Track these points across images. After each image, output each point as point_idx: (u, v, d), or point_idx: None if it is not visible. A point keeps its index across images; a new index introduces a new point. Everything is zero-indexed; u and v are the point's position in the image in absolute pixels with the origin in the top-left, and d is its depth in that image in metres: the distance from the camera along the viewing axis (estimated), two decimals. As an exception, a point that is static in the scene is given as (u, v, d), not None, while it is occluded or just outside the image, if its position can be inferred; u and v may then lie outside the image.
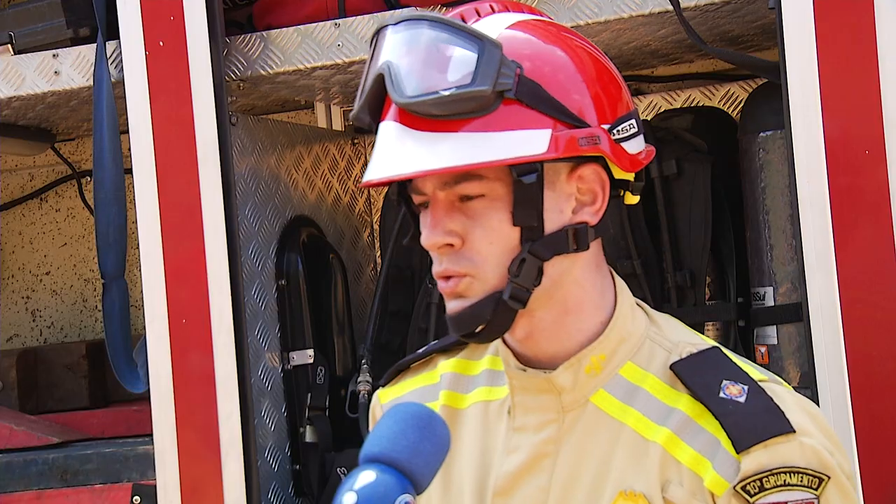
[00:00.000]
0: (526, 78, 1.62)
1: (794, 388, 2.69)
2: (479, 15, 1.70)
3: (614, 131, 1.67)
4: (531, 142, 1.61)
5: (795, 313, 2.66)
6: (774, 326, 2.79)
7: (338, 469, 3.07)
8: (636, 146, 1.71)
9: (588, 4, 2.70)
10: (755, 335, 2.85)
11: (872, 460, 2.42)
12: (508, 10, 1.72)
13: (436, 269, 1.67)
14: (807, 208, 2.47)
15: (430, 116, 1.61)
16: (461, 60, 1.60)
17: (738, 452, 1.59)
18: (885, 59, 2.43)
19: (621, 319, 1.71)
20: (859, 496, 2.39)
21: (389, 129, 1.64)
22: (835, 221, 2.45)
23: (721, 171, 2.94)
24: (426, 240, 1.65)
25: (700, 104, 3.40)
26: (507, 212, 1.63)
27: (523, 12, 1.73)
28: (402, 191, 1.72)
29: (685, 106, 3.41)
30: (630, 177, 1.72)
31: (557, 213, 1.65)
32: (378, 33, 1.68)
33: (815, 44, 2.46)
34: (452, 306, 1.66)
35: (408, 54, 1.63)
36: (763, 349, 2.81)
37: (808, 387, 2.54)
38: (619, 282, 1.75)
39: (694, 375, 1.66)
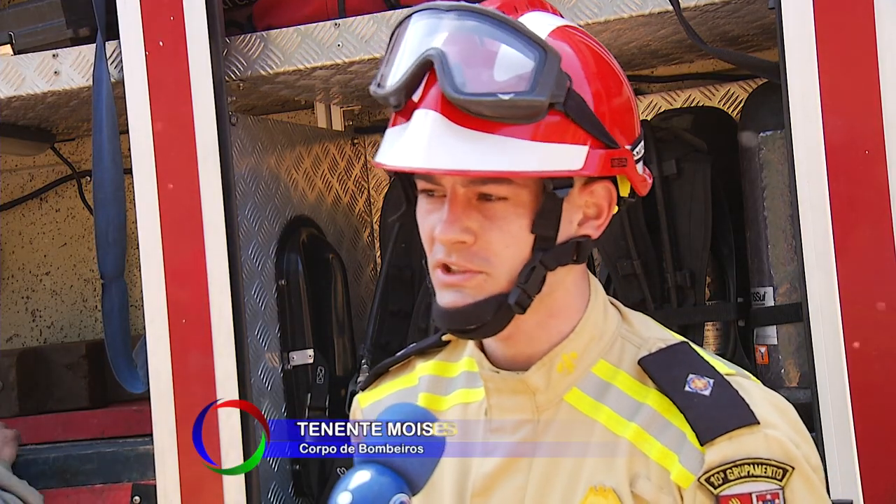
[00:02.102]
0: (574, 92, 1.62)
1: (793, 387, 2.72)
2: (516, 11, 1.68)
3: (634, 152, 1.69)
4: (569, 156, 1.61)
5: (795, 313, 2.66)
6: (774, 326, 2.79)
7: (337, 469, 3.07)
8: (641, 167, 1.73)
9: (588, 4, 2.70)
10: (755, 335, 2.85)
11: (872, 460, 2.42)
12: (537, 9, 1.71)
13: (441, 257, 1.64)
14: (807, 208, 2.47)
15: (477, 115, 1.59)
16: (516, 63, 1.59)
17: (702, 445, 1.60)
18: (885, 59, 2.43)
19: (593, 317, 1.72)
20: (859, 492, 2.40)
21: (427, 119, 1.61)
22: (835, 221, 2.45)
23: (721, 171, 2.94)
24: (442, 234, 1.63)
25: (700, 104, 3.40)
26: (528, 218, 1.62)
27: (549, 12, 1.72)
28: (402, 173, 1.70)
29: (685, 106, 3.41)
30: (626, 194, 1.72)
31: (567, 224, 1.66)
32: (420, 14, 1.65)
33: (815, 44, 2.46)
34: (450, 299, 1.65)
35: (460, 45, 1.60)
36: (763, 349, 2.81)
37: (808, 387, 2.54)
38: (594, 281, 1.76)
39: (661, 370, 1.67)
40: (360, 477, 1.53)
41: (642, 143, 1.71)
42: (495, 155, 1.58)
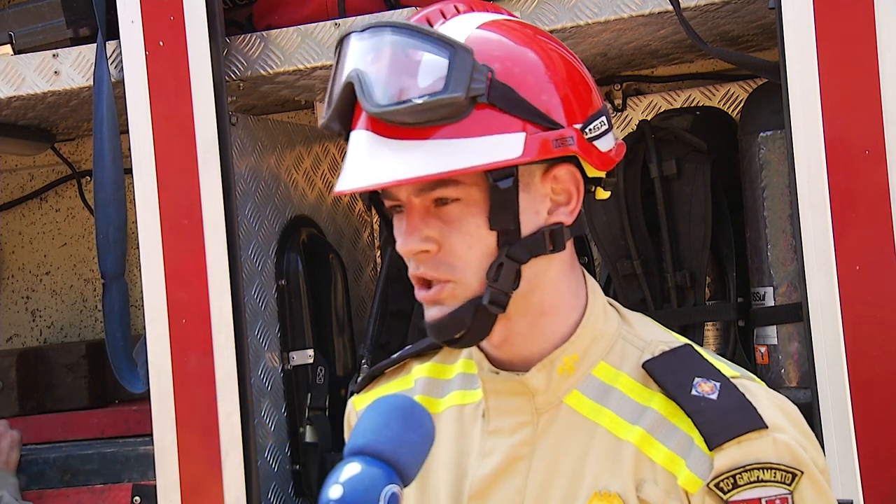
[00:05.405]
0: (498, 81, 1.61)
1: (793, 387, 2.72)
2: (444, 17, 1.67)
3: (586, 130, 1.66)
4: (505, 146, 1.60)
5: (795, 313, 2.66)
6: (774, 326, 2.79)
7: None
8: (607, 143, 1.70)
9: (588, 4, 2.70)
10: (755, 335, 2.85)
11: (872, 460, 2.42)
12: (474, 10, 1.70)
13: (413, 271, 1.66)
14: (807, 208, 2.47)
15: (402, 124, 1.59)
16: (432, 66, 1.59)
17: (710, 449, 1.60)
18: (885, 59, 2.43)
19: (593, 319, 1.71)
20: (859, 492, 2.40)
21: (361, 138, 1.62)
22: (835, 221, 2.45)
23: (721, 171, 2.94)
24: (402, 246, 1.64)
25: (700, 104, 3.40)
26: (483, 216, 1.62)
27: (489, 12, 1.71)
28: (373, 196, 1.71)
29: (685, 106, 3.41)
30: (602, 173, 1.71)
31: (533, 214, 1.65)
32: (343, 41, 1.67)
33: (815, 44, 2.46)
34: (432, 313, 1.65)
35: (376, 62, 1.61)
36: (763, 349, 2.81)
37: (808, 387, 2.54)
38: (591, 281, 1.75)
39: (666, 373, 1.66)
40: (351, 469, 1.52)
41: (603, 116, 1.69)
42: (429, 159, 1.58)
